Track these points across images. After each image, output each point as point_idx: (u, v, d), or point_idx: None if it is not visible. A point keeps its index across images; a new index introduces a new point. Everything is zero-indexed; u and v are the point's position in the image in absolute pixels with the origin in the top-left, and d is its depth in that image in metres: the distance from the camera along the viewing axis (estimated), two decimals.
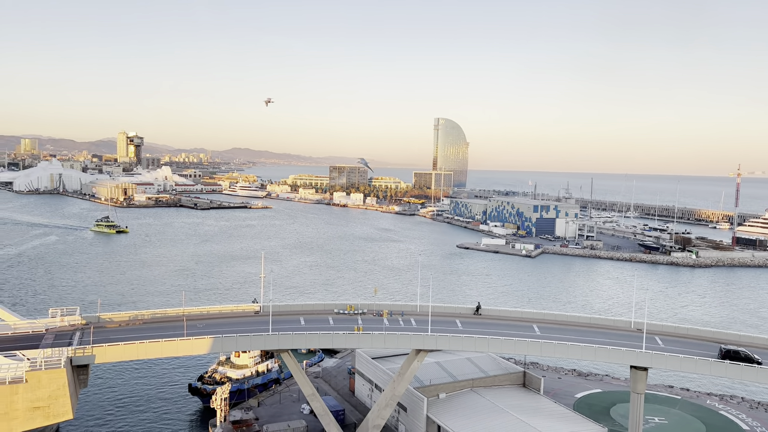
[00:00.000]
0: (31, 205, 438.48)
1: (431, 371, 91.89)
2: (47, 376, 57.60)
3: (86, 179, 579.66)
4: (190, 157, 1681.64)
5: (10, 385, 56.19)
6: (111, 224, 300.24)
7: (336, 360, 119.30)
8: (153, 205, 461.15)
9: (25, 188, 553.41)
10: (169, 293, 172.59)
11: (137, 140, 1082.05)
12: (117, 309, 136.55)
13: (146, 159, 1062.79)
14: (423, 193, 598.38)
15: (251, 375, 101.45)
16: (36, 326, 71.38)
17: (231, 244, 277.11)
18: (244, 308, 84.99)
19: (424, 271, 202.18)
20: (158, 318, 78.69)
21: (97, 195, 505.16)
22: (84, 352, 63.56)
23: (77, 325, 73.53)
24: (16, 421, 56.56)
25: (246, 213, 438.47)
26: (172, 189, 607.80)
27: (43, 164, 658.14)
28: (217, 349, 71.13)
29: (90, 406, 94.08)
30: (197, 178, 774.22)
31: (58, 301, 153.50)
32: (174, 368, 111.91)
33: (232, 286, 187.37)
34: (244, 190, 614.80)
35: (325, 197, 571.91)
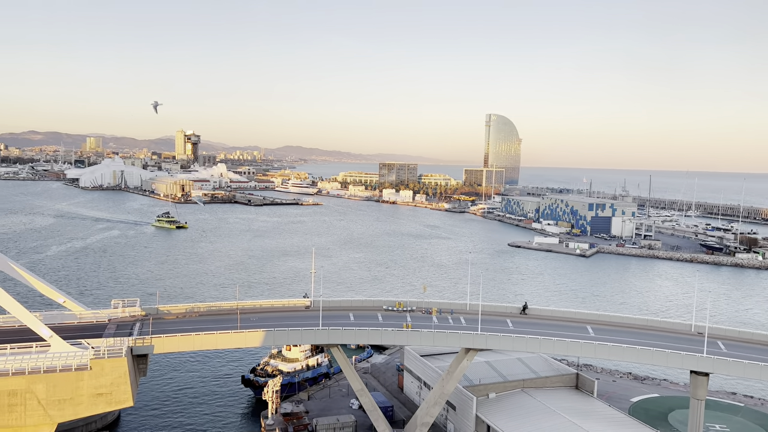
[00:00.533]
0: (96, 200, 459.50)
1: (481, 370, 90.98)
2: (110, 364, 60.25)
3: (146, 176, 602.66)
4: (245, 155, 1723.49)
5: (76, 372, 59.10)
6: (171, 220, 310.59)
7: (385, 356, 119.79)
8: (209, 201, 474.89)
9: (90, 184, 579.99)
10: (223, 287, 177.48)
11: (194, 138, 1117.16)
12: (175, 301, 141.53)
13: (203, 156, 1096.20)
14: (473, 191, 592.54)
15: (302, 369, 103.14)
16: (100, 316, 74.74)
17: (283, 239, 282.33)
18: (295, 303, 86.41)
19: (474, 269, 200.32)
20: (213, 311, 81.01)
21: (156, 191, 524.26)
22: (144, 343, 66.12)
23: (137, 316, 76.57)
24: (81, 406, 59.45)
25: (297, 209, 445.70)
26: (227, 186, 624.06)
27: (107, 162, 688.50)
28: (269, 342, 72.62)
29: (149, 394, 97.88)
30: (251, 175, 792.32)
31: (120, 292, 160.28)
32: (228, 360, 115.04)
33: (284, 280, 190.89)
34: (295, 187, 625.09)
35: (374, 194, 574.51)
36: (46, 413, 58.11)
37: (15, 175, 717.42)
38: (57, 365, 59.06)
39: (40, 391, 57.78)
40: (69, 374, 58.87)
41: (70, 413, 59.33)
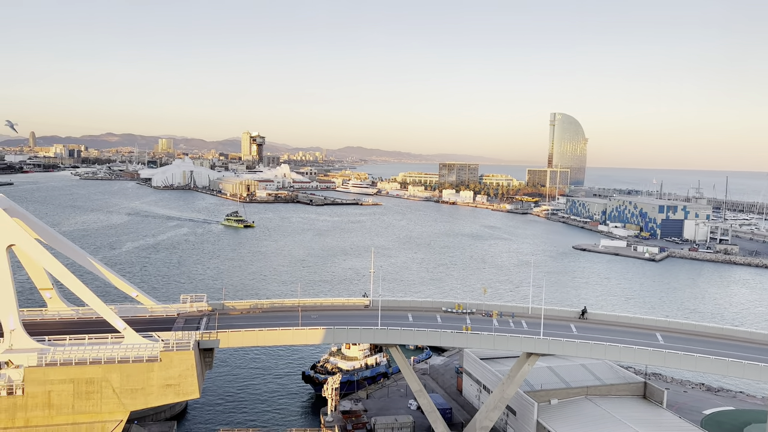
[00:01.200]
0: (166, 199, 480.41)
1: (543, 376, 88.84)
2: (178, 356, 62.76)
3: (214, 176, 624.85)
4: (307, 156, 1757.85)
5: (147, 363, 61.92)
6: (239, 219, 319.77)
7: (443, 358, 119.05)
8: (272, 201, 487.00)
9: (162, 184, 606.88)
10: (286, 284, 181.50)
11: (259, 140, 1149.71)
12: (239, 297, 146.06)
13: (267, 157, 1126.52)
14: (537, 191, 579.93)
15: (361, 367, 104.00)
16: (169, 311, 78.00)
17: (343, 239, 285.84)
18: (354, 302, 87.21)
19: (536, 272, 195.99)
20: (276, 307, 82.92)
21: (223, 191, 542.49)
22: (210, 337, 68.50)
23: (204, 311, 79.39)
24: (151, 396, 62.24)
25: (357, 209, 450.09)
26: (290, 186, 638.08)
27: (177, 162, 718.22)
28: (329, 340, 73.61)
29: (214, 387, 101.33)
30: (313, 175, 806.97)
31: (189, 288, 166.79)
32: (289, 356, 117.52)
33: (343, 279, 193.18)
34: (355, 188, 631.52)
35: (434, 195, 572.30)
36: (120, 401, 61.18)
37: (93, 175, 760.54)
38: (130, 356, 62.08)
39: (114, 380, 60.90)
40: (141, 365, 61.77)
41: (141, 402, 62.23)
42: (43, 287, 74.57)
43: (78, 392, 60.09)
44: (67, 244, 74.78)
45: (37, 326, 68.46)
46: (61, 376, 59.63)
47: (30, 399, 58.98)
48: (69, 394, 59.88)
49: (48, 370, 59.44)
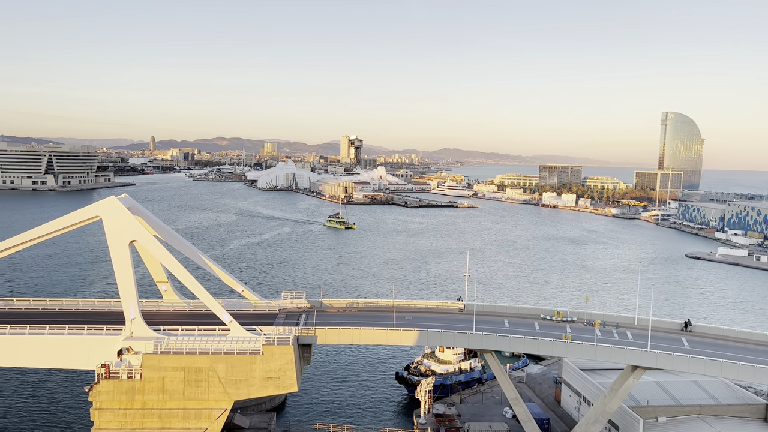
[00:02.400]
0: (270, 200, 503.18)
1: (649, 391, 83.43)
2: (279, 350, 65.40)
3: (314, 178, 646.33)
4: (403, 158, 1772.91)
5: (250, 356, 65.06)
6: (341, 221, 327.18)
7: (541, 367, 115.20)
8: (368, 203, 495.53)
9: (266, 186, 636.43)
10: (380, 284, 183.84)
11: (357, 143, 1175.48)
12: (336, 296, 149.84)
13: (364, 160, 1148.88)
14: (645, 195, 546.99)
15: (454, 372, 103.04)
16: (271, 306, 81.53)
17: (437, 241, 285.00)
18: (449, 305, 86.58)
19: (643, 280, 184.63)
20: (371, 307, 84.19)
21: (322, 192, 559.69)
22: (308, 333, 70.79)
23: (303, 307, 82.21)
24: (254, 387, 65.31)
25: (452, 212, 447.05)
26: (386, 188, 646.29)
27: (281, 165, 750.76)
28: (423, 342, 73.59)
29: (311, 382, 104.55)
30: (408, 177, 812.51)
31: (290, 285, 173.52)
32: (382, 356, 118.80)
33: (438, 281, 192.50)
34: (451, 190, 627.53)
35: (533, 197, 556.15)
36: (225, 390, 64.73)
37: (205, 177, 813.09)
38: (235, 348, 65.55)
39: (220, 370, 64.54)
40: (244, 357, 65.01)
41: (244, 393, 65.47)
42: (159, 280, 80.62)
43: (188, 380, 64.29)
44: (181, 241, 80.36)
45: (153, 316, 74.05)
46: (174, 363, 64.08)
47: (147, 383, 63.87)
48: (180, 381, 64.20)
49: (163, 357, 64.09)
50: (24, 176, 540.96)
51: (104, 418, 63.74)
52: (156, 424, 64.18)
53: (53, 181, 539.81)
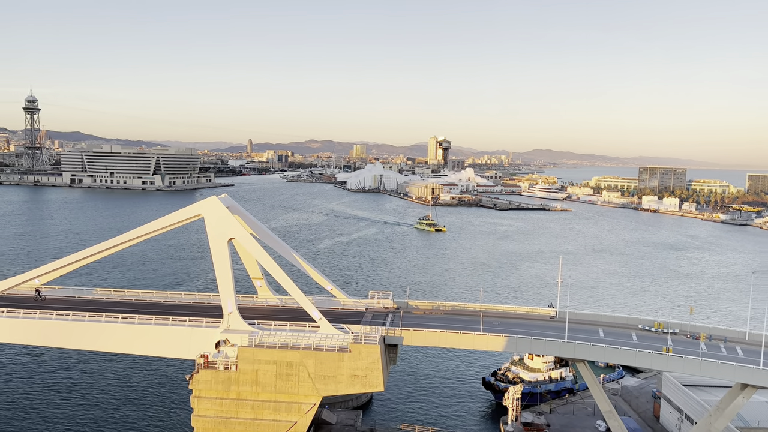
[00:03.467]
0: (358, 201, 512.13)
1: (762, 411, 76.62)
2: (366, 349, 66.26)
3: (401, 180, 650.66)
4: (492, 159, 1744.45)
5: (338, 353, 66.39)
6: (431, 223, 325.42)
7: (638, 380, 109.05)
8: (456, 204, 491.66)
9: (355, 187, 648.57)
10: (468, 287, 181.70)
11: (445, 144, 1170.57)
12: (423, 297, 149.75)
13: (452, 161, 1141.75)
14: (759, 200, 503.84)
15: (544, 380, 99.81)
16: (359, 305, 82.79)
17: (527, 244, 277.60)
18: (539, 311, 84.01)
19: (757, 291, 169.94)
20: (457, 310, 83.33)
21: (409, 194, 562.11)
22: (395, 333, 71.18)
23: (390, 308, 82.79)
24: (341, 384, 66.58)
25: (544, 215, 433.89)
26: (474, 189, 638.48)
27: (369, 167, 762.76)
28: (511, 348, 71.80)
29: (396, 382, 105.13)
30: (497, 179, 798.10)
31: (376, 285, 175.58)
32: (468, 360, 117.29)
33: (527, 286, 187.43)
34: (543, 192, 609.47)
35: (632, 201, 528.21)
36: (314, 386, 66.47)
37: (297, 178, 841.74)
38: (324, 345, 67.15)
39: (310, 365, 66.35)
40: (333, 354, 66.43)
41: (332, 389, 66.91)
42: (254, 277, 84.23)
43: (280, 373, 66.63)
44: (275, 239, 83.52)
45: (248, 311, 77.42)
46: (267, 357, 66.65)
47: (242, 375, 66.88)
48: (272, 374, 66.67)
49: (257, 350, 66.84)
50: (135, 177, 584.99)
51: (202, 406, 67.42)
52: (249, 415, 67.04)
53: (160, 181, 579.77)
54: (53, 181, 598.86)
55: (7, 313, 72.35)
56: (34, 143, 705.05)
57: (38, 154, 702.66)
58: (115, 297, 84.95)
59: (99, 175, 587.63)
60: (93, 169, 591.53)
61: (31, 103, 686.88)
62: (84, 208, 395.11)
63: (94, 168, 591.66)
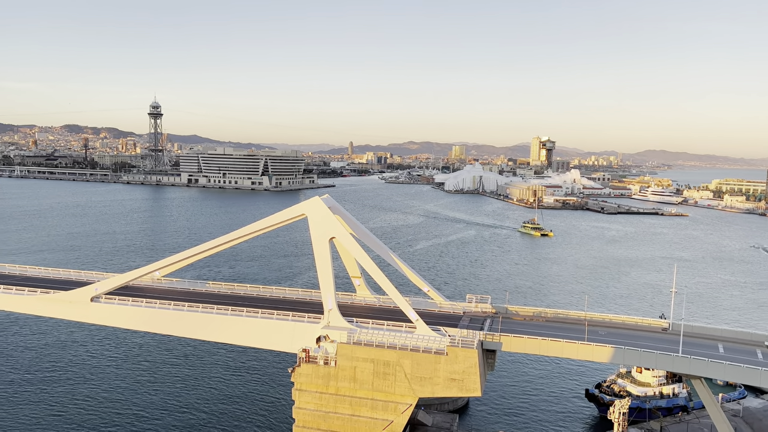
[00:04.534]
0: (456, 202, 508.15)
1: None
2: (463, 353, 65.45)
3: (501, 181, 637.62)
4: (600, 160, 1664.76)
5: (435, 355, 66.11)
6: (536, 227, 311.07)
7: (762, 401, 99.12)
8: (559, 207, 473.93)
9: (453, 188, 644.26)
10: (571, 294, 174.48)
11: (549, 144, 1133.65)
12: (523, 303, 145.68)
13: (556, 162, 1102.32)
14: None
15: (654, 395, 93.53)
16: (456, 308, 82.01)
17: (637, 251, 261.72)
18: (650, 322, 78.87)
19: None
20: (560, 318, 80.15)
21: (510, 196, 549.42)
22: (493, 339, 69.73)
23: (488, 312, 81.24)
24: (437, 386, 66.24)
25: (656, 220, 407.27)
26: (579, 192, 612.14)
27: (468, 167, 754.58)
28: (618, 360, 67.93)
29: (494, 388, 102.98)
30: (605, 181, 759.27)
31: (474, 288, 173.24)
32: (570, 370, 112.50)
33: (636, 296, 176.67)
34: (655, 195, 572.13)
35: (758, 206, 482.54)
36: (410, 386, 66.66)
37: (396, 179, 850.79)
38: (420, 346, 67.15)
39: (406, 366, 66.61)
40: (429, 356, 66.26)
41: (428, 391, 66.73)
42: (354, 275, 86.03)
43: (377, 372, 67.48)
44: (373, 239, 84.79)
45: (347, 308, 79.20)
46: (364, 354, 67.76)
47: (340, 371, 68.48)
48: (369, 372, 67.66)
49: (355, 348, 68.16)
50: (245, 177, 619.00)
51: (303, 399, 69.81)
52: (347, 410, 68.51)
53: (267, 182, 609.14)
54: (173, 181, 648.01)
55: (132, 302, 79.06)
56: (156, 146, 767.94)
57: (160, 156, 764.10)
58: (225, 291, 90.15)
59: (213, 176, 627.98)
60: (207, 170, 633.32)
61: (155, 109, 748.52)
62: (199, 206, 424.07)
63: (208, 169, 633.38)
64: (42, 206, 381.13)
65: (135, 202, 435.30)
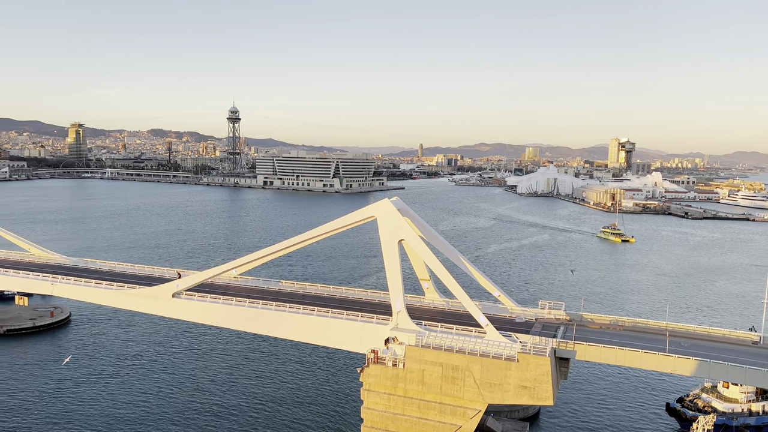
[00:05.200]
0: (529, 206, 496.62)
1: None
2: (534, 360, 63.72)
3: (577, 184, 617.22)
4: (684, 163, 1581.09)
5: (505, 361, 64.72)
6: (617, 232, 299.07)
7: None
8: (639, 212, 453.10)
9: (526, 191, 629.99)
10: (651, 303, 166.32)
11: (628, 146, 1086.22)
12: (599, 311, 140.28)
13: (636, 165, 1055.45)
14: None
15: (742, 412, 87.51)
16: (527, 314, 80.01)
17: (725, 258, 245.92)
18: (738, 335, 73.78)
19: None
20: (638, 327, 76.51)
21: (586, 199, 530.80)
22: (567, 347, 67.46)
23: (561, 319, 78.73)
24: (507, 393, 64.82)
25: (746, 226, 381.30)
26: (661, 196, 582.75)
27: (542, 170, 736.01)
28: (703, 374, 64.00)
29: (566, 397, 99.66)
30: (690, 185, 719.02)
31: (547, 294, 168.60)
32: (648, 383, 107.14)
33: (723, 306, 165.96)
34: (746, 200, 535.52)
35: None
36: (479, 392, 65.61)
37: (466, 182, 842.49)
38: (490, 352, 65.96)
39: (476, 371, 65.62)
40: (499, 362, 64.96)
41: (498, 398, 65.43)
42: (422, 278, 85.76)
43: (445, 376, 66.89)
44: (442, 242, 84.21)
45: (415, 311, 79.03)
46: (433, 358, 67.34)
47: (408, 373, 68.40)
48: (438, 376, 67.17)
49: (423, 351, 67.89)
50: (317, 180, 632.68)
51: (372, 399, 70.25)
52: (415, 413, 68.32)
53: (338, 184, 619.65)
54: (249, 183, 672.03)
55: (210, 299, 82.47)
56: (234, 149, 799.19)
57: (238, 159, 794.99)
58: (297, 290, 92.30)
59: (286, 178, 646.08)
60: (282, 172, 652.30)
61: (233, 114, 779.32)
62: (273, 207, 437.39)
63: (282, 171, 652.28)
64: (129, 206, 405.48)
65: (214, 203, 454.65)
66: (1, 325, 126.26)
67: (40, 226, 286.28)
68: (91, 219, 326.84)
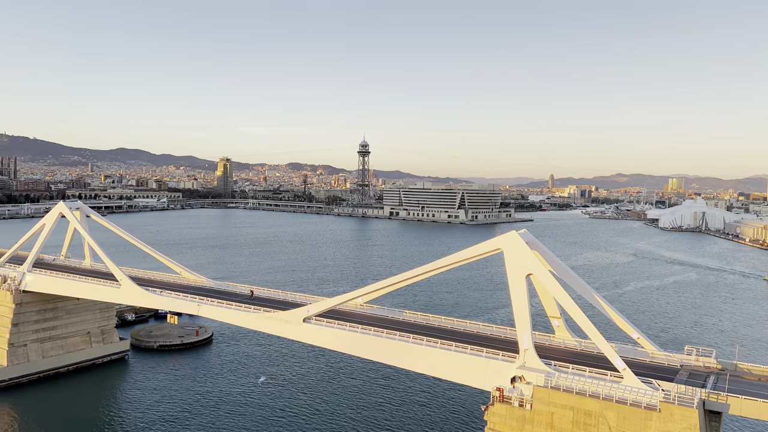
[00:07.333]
0: (672, 241, 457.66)
1: None
2: (680, 411, 57.59)
3: (730, 218, 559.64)
4: None
5: (645, 410, 59.14)
6: None
7: None
8: None
9: (669, 225, 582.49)
10: None
11: None
12: (757, 361, 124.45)
13: None
14: None
15: None
16: (671, 360, 72.82)
17: None
18: None
19: None
20: None
21: (741, 235, 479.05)
22: (718, 399, 60.31)
23: (711, 368, 70.67)
24: None
25: None
26: None
27: (688, 202, 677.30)
28: None
29: None
30: None
31: (695, 339, 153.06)
32: None
33: None
34: None
35: None
36: None
37: (602, 214, 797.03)
38: (628, 398, 60.71)
39: (611, 418, 60.64)
40: (638, 410, 59.51)
41: None
42: (552, 315, 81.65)
43: (576, 421, 62.54)
44: (574, 278, 79.76)
45: (544, 350, 75.18)
46: (563, 401, 63.35)
47: (536, 415, 64.88)
48: (569, 421, 62.97)
49: (553, 392, 64.16)
50: (442, 211, 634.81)
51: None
52: None
53: (463, 215, 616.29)
54: (376, 214, 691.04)
55: (337, 325, 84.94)
56: (363, 181, 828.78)
57: (366, 190, 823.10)
58: (420, 320, 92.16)
59: (412, 209, 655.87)
60: (407, 203, 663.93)
61: (364, 147, 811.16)
62: (399, 237, 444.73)
63: (408, 202, 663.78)
64: (268, 234, 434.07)
65: (342, 233, 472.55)
66: (155, 341, 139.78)
67: (191, 251, 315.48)
68: (235, 246, 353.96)
